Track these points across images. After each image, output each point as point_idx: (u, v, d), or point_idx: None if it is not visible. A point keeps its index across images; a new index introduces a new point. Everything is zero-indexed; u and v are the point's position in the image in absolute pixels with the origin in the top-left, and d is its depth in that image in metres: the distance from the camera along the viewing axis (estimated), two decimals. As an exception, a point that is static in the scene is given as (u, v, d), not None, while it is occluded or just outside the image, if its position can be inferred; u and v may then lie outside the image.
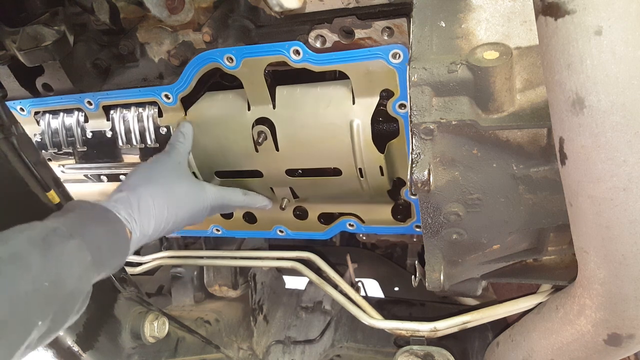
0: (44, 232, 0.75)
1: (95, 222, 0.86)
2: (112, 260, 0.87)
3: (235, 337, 1.64)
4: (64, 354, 1.01)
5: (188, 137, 1.17)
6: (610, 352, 0.81)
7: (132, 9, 1.14)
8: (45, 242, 0.73)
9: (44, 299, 0.70)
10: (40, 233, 0.75)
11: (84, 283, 0.78)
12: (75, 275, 0.76)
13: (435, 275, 0.98)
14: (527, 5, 0.79)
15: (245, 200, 1.22)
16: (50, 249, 0.73)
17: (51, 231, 0.76)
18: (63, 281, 0.73)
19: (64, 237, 0.77)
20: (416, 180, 0.79)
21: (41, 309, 0.70)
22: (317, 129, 1.10)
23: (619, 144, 0.57)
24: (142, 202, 0.97)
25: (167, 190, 1.03)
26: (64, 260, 0.74)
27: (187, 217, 1.07)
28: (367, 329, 1.51)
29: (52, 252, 0.73)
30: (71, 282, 0.75)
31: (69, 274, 0.75)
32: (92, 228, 0.83)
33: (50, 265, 0.72)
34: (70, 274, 0.75)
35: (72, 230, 0.79)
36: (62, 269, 0.74)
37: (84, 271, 0.78)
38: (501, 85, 0.74)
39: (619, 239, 0.64)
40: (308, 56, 1.03)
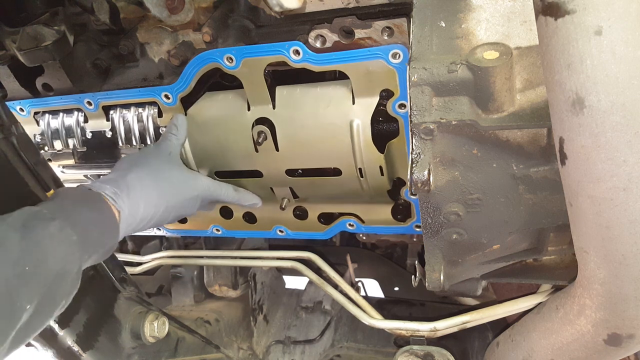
0: (24, 216, 0.76)
1: (80, 203, 0.86)
2: (102, 239, 0.86)
3: (235, 337, 1.64)
4: (64, 353, 1.01)
5: (181, 129, 1.16)
6: (610, 352, 0.81)
7: (132, 9, 1.14)
8: (25, 227, 0.74)
9: (27, 283, 0.70)
10: (19, 218, 0.75)
11: (70, 263, 0.78)
12: (58, 256, 0.76)
13: (435, 275, 0.98)
14: (527, 5, 0.79)
15: (236, 196, 1.22)
16: (30, 232, 0.73)
17: (32, 215, 0.77)
18: (46, 262, 0.73)
19: (45, 219, 0.77)
20: (416, 180, 0.79)
21: (27, 292, 0.70)
22: (317, 129, 1.10)
23: (619, 144, 0.57)
24: (130, 182, 0.97)
25: (156, 174, 1.03)
26: (46, 241, 0.74)
27: (178, 204, 1.07)
28: (367, 329, 1.51)
29: (33, 235, 0.73)
30: (55, 262, 0.75)
31: (52, 254, 0.75)
32: (75, 209, 0.83)
33: (31, 248, 0.72)
34: (53, 255, 0.75)
35: (54, 213, 0.79)
36: (44, 250, 0.74)
37: (69, 251, 0.78)
38: (501, 85, 0.74)
39: (619, 239, 0.64)
40: (308, 56, 1.03)
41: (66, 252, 0.78)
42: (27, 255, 0.71)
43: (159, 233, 1.51)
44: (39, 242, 0.74)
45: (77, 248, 0.80)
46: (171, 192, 1.05)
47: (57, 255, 0.76)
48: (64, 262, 0.77)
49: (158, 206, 1.01)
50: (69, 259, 0.78)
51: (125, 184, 0.96)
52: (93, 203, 0.89)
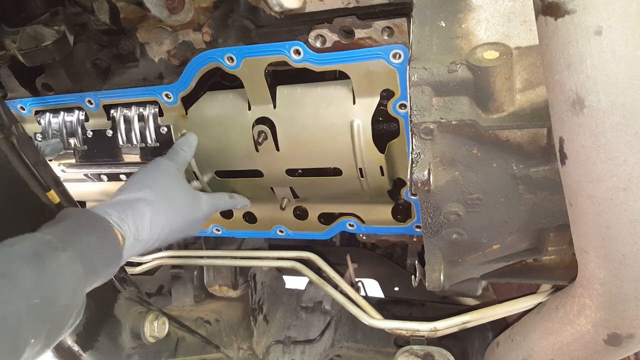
0: (36, 245, 0.73)
1: (86, 230, 0.83)
2: (105, 269, 0.85)
3: (235, 337, 1.64)
4: (64, 354, 1.01)
5: (192, 147, 1.16)
6: (610, 352, 0.81)
7: (132, 9, 1.14)
8: (38, 256, 0.71)
9: (37, 317, 0.68)
10: (31, 247, 0.72)
11: (77, 297, 0.77)
12: (68, 290, 0.74)
13: (435, 275, 0.98)
14: (527, 5, 0.79)
15: (231, 203, 1.23)
16: (42, 263, 0.71)
17: (43, 244, 0.74)
18: (57, 296, 0.71)
19: (56, 249, 0.74)
20: (416, 180, 0.79)
21: (34, 327, 0.68)
22: (317, 129, 1.10)
23: (619, 144, 0.57)
24: (137, 207, 0.95)
25: (165, 196, 1.01)
26: (58, 274, 0.72)
27: (183, 226, 1.05)
28: (367, 329, 1.51)
29: (45, 266, 0.71)
30: (65, 296, 0.73)
31: (63, 288, 0.73)
32: (83, 237, 0.81)
33: (44, 281, 0.70)
34: (64, 289, 0.73)
35: (64, 242, 0.76)
36: (56, 283, 0.72)
37: (77, 284, 0.76)
38: (501, 85, 0.74)
39: (619, 239, 0.64)
40: (309, 56, 1.03)
41: (75, 286, 0.76)
42: (40, 288, 0.69)
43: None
44: (52, 275, 0.71)
45: (84, 280, 0.78)
46: (179, 215, 1.04)
47: (67, 289, 0.74)
48: (73, 296, 0.75)
49: (164, 228, 1.00)
50: (77, 292, 0.77)
51: (132, 209, 0.94)
52: (100, 231, 0.86)
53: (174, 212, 1.02)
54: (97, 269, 0.82)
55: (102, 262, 0.84)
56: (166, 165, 1.08)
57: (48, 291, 0.70)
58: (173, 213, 1.02)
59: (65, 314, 0.74)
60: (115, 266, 0.88)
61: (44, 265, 0.71)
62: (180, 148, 1.14)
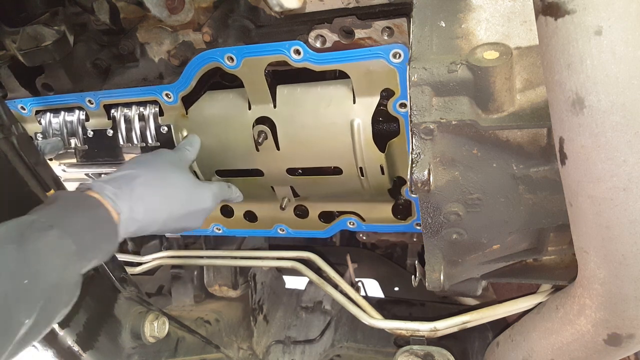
0: (21, 226, 0.73)
1: (76, 209, 0.82)
2: (101, 245, 0.84)
3: (235, 337, 1.64)
4: (64, 354, 1.00)
5: (195, 147, 1.16)
6: (610, 352, 0.81)
7: (132, 9, 1.14)
8: (22, 237, 0.71)
9: (26, 296, 0.68)
10: (16, 228, 0.72)
11: (69, 273, 0.76)
12: (57, 267, 0.73)
13: (435, 275, 0.98)
14: (527, 5, 0.79)
15: (228, 192, 1.19)
16: (27, 243, 0.70)
17: (28, 224, 0.74)
18: (45, 274, 0.71)
19: (42, 229, 0.74)
20: (416, 180, 0.79)
21: (25, 307, 0.68)
22: (317, 128, 1.10)
23: (619, 144, 0.57)
24: (133, 183, 0.93)
25: (162, 178, 0.99)
26: (44, 252, 0.72)
27: (182, 213, 1.02)
28: (367, 328, 1.51)
29: (30, 245, 0.70)
30: (54, 274, 0.73)
31: (51, 266, 0.72)
32: (72, 216, 0.80)
33: (29, 260, 0.69)
34: (52, 266, 0.73)
35: (52, 221, 0.76)
36: (42, 262, 0.71)
37: (68, 261, 0.76)
38: (501, 85, 0.74)
39: (619, 239, 0.64)
40: (309, 56, 1.03)
41: (65, 262, 0.75)
42: (25, 268, 0.69)
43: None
44: (37, 254, 0.71)
45: (76, 256, 0.77)
46: (177, 200, 1.01)
47: (55, 266, 0.73)
48: (63, 272, 0.75)
49: (160, 212, 0.97)
50: (68, 269, 0.76)
51: (127, 184, 0.92)
52: (90, 208, 0.85)
53: (173, 197, 1.00)
54: (92, 245, 0.81)
55: (97, 238, 0.83)
56: (167, 153, 1.08)
57: (35, 270, 0.70)
58: (172, 198, 1.00)
59: (58, 291, 0.74)
60: (112, 243, 0.87)
61: (29, 244, 0.71)
62: (184, 147, 1.14)
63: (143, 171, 0.97)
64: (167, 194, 0.99)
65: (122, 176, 0.94)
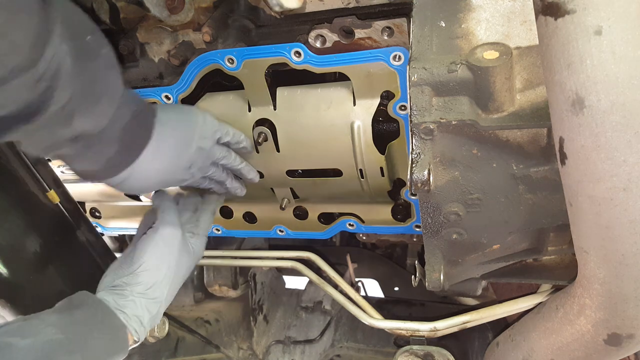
0: (48, 346, 0.74)
1: (99, 330, 0.84)
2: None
3: (235, 337, 1.64)
4: (64, 354, 1.00)
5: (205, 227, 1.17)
6: (610, 352, 0.81)
7: (132, 9, 1.14)
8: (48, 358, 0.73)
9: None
10: (43, 347, 0.73)
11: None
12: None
13: (435, 275, 0.98)
14: (527, 5, 0.79)
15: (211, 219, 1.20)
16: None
17: (55, 345, 0.75)
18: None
19: (65, 353, 0.76)
20: (416, 180, 0.79)
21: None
22: (318, 130, 1.10)
23: (619, 144, 0.57)
24: (154, 307, 0.95)
25: (176, 282, 1.02)
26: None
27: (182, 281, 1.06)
28: (367, 328, 1.51)
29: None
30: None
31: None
32: (93, 341, 0.82)
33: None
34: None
35: (75, 345, 0.77)
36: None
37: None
38: (501, 85, 0.74)
39: (619, 239, 0.64)
40: (309, 58, 1.03)
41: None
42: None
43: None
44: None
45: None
46: (181, 281, 1.05)
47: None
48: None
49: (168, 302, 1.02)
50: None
51: (148, 310, 0.93)
52: (113, 333, 0.86)
53: (179, 282, 1.03)
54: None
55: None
56: (172, 238, 1.04)
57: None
58: (178, 283, 1.03)
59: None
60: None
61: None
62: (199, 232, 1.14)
63: (161, 292, 0.97)
64: (176, 289, 1.03)
65: (143, 295, 0.94)
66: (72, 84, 0.69)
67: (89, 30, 0.74)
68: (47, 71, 0.65)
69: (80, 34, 0.72)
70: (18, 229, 0.96)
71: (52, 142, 0.76)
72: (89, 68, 0.72)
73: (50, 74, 0.66)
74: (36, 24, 0.62)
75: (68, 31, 0.68)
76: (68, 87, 0.69)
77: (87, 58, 0.72)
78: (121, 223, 1.55)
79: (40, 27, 0.63)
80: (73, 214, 1.09)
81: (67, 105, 0.71)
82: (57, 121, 0.71)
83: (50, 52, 0.64)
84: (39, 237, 0.99)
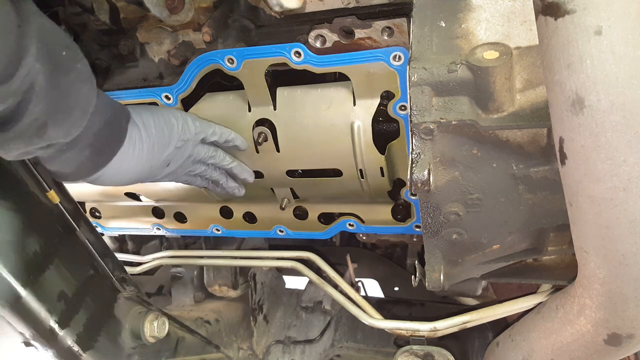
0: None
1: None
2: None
3: (235, 337, 1.64)
4: (64, 354, 1.00)
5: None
6: (610, 352, 0.81)
7: (132, 9, 1.14)
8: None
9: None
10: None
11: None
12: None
13: (435, 275, 0.98)
14: (527, 5, 0.79)
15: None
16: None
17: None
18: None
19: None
20: (416, 180, 0.79)
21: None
22: (318, 130, 1.10)
23: (619, 144, 0.57)
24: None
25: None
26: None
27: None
28: (367, 328, 1.51)
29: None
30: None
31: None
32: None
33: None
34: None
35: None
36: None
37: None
38: (501, 85, 0.74)
39: (619, 239, 0.64)
40: (309, 58, 1.03)
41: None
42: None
43: (158, 233, 1.51)
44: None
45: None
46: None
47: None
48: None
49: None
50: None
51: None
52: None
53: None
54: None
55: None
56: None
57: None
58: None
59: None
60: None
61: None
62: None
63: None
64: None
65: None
66: (45, 98, 0.73)
67: (64, 45, 0.77)
68: (21, 86, 0.69)
69: (56, 49, 0.75)
70: (18, 229, 0.95)
71: (25, 150, 0.79)
72: (62, 82, 0.75)
73: (24, 89, 0.69)
74: (12, 43, 0.65)
75: (43, 48, 0.71)
76: (41, 101, 0.73)
77: (61, 73, 0.75)
78: (121, 223, 1.55)
79: (16, 46, 0.67)
80: (73, 214, 1.09)
81: (40, 117, 0.74)
82: (30, 132, 0.75)
83: (24, 70, 0.68)
84: (39, 237, 0.98)
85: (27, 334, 0.94)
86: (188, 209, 1.44)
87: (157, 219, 1.49)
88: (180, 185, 1.32)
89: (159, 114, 1.03)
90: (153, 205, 1.47)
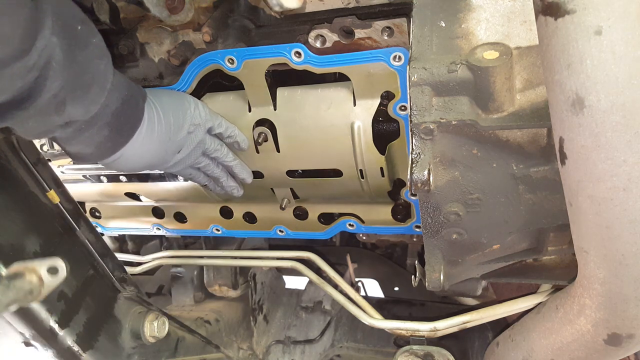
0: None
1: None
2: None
3: (235, 337, 1.64)
4: (64, 353, 1.00)
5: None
6: (610, 352, 0.81)
7: (132, 9, 1.14)
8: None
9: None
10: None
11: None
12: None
13: (435, 275, 0.98)
14: (527, 5, 0.79)
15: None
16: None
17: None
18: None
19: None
20: (416, 180, 0.79)
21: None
22: (318, 130, 1.10)
23: (619, 144, 0.57)
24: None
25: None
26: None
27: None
28: (367, 328, 1.51)
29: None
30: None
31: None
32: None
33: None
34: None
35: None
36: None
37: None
38: (501, 85, 0.74)
39: (618, 239, 0.64)
40: (309, 58, 1.03)
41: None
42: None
43: (158, 233, 1.51)
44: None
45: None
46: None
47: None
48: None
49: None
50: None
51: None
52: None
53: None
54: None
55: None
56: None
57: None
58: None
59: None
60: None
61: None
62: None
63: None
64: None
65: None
66: (63, 73, 0.72)
67: (79, 20, 0.77)
68: (38, 61, 0.68)
69: (71, 24, 0.74)
70: (18, 229, 0.95)
71: (45, 129, 0.79)
72: (79, 58, 0.75)
73: (42, 64, 0.68)
74: (27, 16, 0.64)
75: (59, 22, 0.70)
76: (59, 76, 0.72)
77: (77, 48, 0.75)
78: (121, 223, 1.55)
79: (31, 19, 0.65)
80: (73, 214, 1.09)
81: (59, 94, 0.73)
82: (49, 109, 0.74)
83: (41, 44, 0.67)
84: (39, 237, 0.99)
85: (27, 333, 0.95)
86: (188, 209, 1.44)
87: (157, 219, 1.49)
88: (181, 185, 1.32)
89: (174, 95, 1.04)
90: (153, 205, 1.47)
